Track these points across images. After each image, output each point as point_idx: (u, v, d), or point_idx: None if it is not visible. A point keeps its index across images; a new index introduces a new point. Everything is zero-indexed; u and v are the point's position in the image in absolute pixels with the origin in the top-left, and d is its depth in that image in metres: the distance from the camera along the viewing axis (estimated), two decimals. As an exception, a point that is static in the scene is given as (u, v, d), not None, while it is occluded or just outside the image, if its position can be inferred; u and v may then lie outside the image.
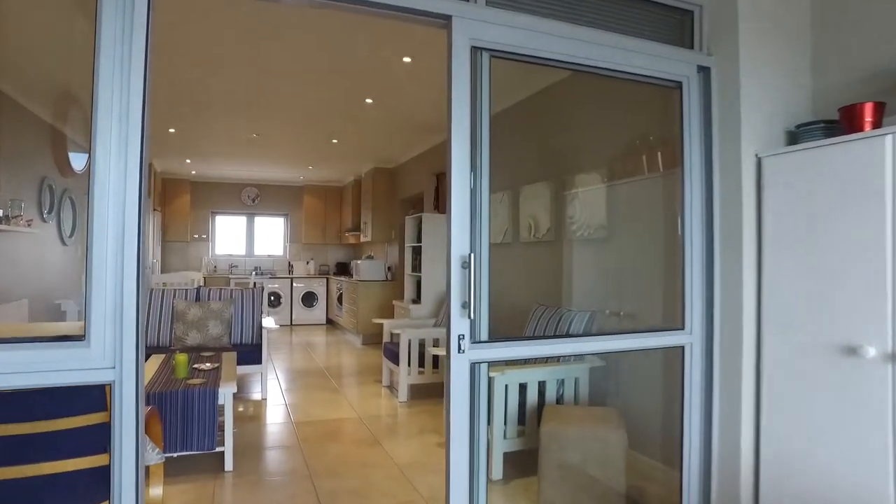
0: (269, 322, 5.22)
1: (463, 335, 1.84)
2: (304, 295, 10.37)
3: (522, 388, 3.32)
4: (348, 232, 9.87)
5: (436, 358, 5.05)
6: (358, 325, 8.18)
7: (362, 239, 9.24)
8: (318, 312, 10.48)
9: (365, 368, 6.39)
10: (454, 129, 1.86)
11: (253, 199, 10.70)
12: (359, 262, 8.46)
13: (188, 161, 8.42)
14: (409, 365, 4.92)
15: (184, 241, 10.10)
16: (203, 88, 4.83)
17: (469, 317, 1.82)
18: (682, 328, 2.28)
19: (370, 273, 8.38)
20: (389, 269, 8.61)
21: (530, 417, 3.32)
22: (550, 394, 3.41)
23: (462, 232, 1.84)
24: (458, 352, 1.84)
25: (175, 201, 9.82)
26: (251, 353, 4.89)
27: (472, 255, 1.81)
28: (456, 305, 1.82)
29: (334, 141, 6.89)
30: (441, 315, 5.48)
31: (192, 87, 4.80)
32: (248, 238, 10.82)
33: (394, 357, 5.10)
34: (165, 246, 10.01)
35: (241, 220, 10.78)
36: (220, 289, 5.43)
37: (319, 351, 7.56)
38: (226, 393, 3.15)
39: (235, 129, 6.34)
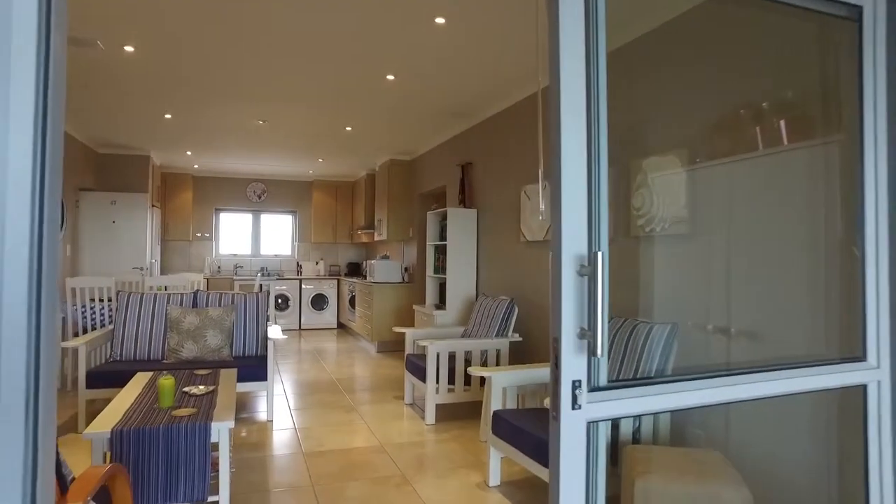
0: (275, 332, 4.56)
1: (579, 382, 1.17)
2: (313, 297, 9.73)
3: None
4: (361, 230, 9.22)
5: (467, 375, 4.38)
6: (372, 331, 7.52)
7: (376, 238, 8.58)
8: (329, 316, 9.83)
9: (382, 381, 5.72)
10: (563, 80, 1.20)
11: (259, 195, 10.07)
12: (373, 262, 7.81)
13: (189, 153, 7.79)
14: (437, 382, 4.25)
15: (185, 241, 9.48)
16: (201, 65, 4.19)
17: (590, 351, 1.15)
18: (863, 359, 1.60)
19: (385, 274, 7.72)
20: (406, 269, 7.95)
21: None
22: (625, 428, 2.73)
23: (577, 223, 1.17)
24: (573, 407, 1.17)
25: (176, 197, 9.20)
26: (255, 369, 4.24)
27: (600, 253, 1.13)
28: (569, 334, 1.15)
29: (348, 128, 6.23)
30: (473, 324, 4.80)
31: (188, 65, 4.16)
32: (253, 237, 10.20)
33: (418, 372, 4.43)
34: (166, 245, 9.39)
35: (246, 218, 10.16)
36: (221, 293, 4.78)
37: (331, 360, 6.91)
38: (221, 429, 2.49)
39: (240, 115, 5.69)
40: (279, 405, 4.76)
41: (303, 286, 9.69)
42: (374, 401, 4.96)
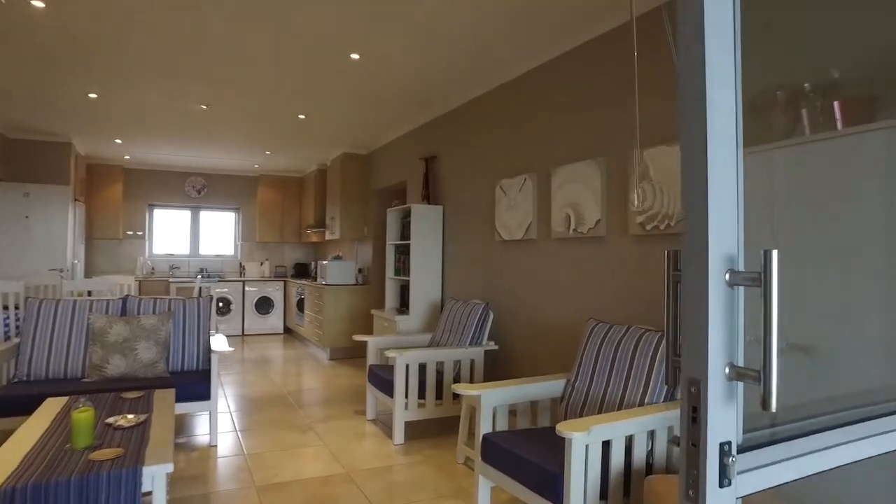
0: (220, 343, 3.99)
1: (729, 445, 0.76)
2: (258, 300, 9.06)
3: (606, 447, 2.27)
4: (310, 229, 8.63)
5: (440, 386, 3.95)
6: (324, 337, 6.97)
7: (328, 237, 8.03)
8: (275, 321, 9.18)
9: (339, 394, 5.21)
10: (708, 30, 0.80)
11: (199, 190, 9.29)
12: (324, 262, 7.26)
13: (119, 142, 7.01)
14: (406, 397, 3.81)
15: (114, 239, 8.61)
16: (131, 33, 3.58)
17: (763, 400, 0.74)
18: None
19: (338, 276, 7.19)
20: (361, 271, 7.45)
21: (615, 491, 2.27)
22: (640, 453, 2.38)
23: (726, 213, 0.77)
24: (721, 483, 0.76)
25: (104, 191, 8.33)
26: (196, 385, 3.66)
27: (775, 252, 0.73)
28: (717, 376, 0.74)
29: (301, 116, 5.68)
30: (442, 331, 4.38)
31: (115, 32, 3.54)
32: (192, 236, 9.40)
33: (383, 385, 3.97)
34: (91, 245, 8.50)
35: (184, 215, 9.36)
36: (155, 299, 4.16)
37: (279, 369, 6.32)
38: (155, 474, 1.96)
39: (179, 97, 5.05)
40: (224, 425, 4.19)
41: (246, 288, 9.00)
42: (331, 417, 4.45)
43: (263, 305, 9.11)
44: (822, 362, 1.95)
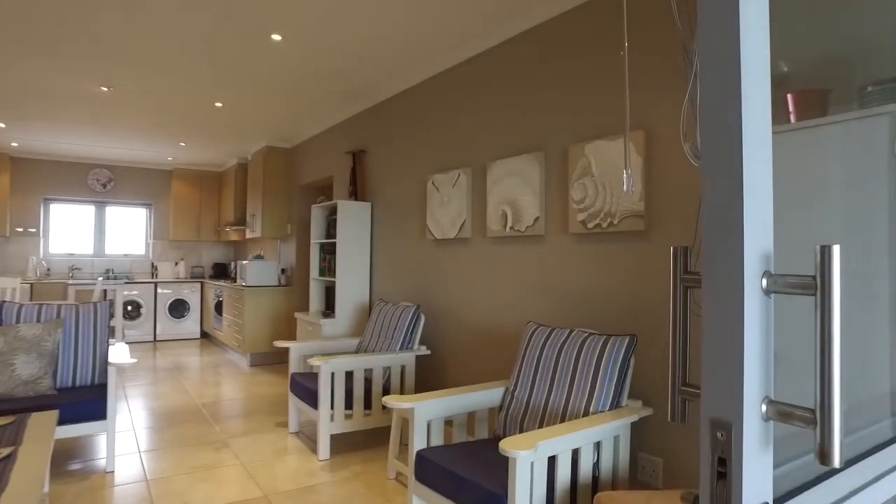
0: (120, 353, 3.54)
1: (765, 511, 0.56)
2: (171, 303, 8.41)
3: (552, 461, 2.09)
4: (230, 226, 8.09)
5: (368, 395, 3.68)
6: (244, 342, 6.51)
7: (248, 235, 7.53)
8: (191, 324, 8.56)
9: (260, 404, 4.82)
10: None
11: (104, 184, 8.51)
12: (244, 262, 6.79)
13: (2, 126, 6.24)
14: (331, 408, 3.51)
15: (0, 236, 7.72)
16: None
17: (821, 453, 0.54)
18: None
19: (259, 276, 6.74)
20: (284, 271, 7.03)
21: (560, 509, 2.10)
22: (586, 466, 2.22)
23: (761, 207, 0.57)
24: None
25: (-11, 183, 7.44)
26: (90, 403, 3.21)
27: (836, 248, 0.54)
28: (752, 414, 0.54)
29: (218, 104, 5.23)
30: (370, 335, 4.11)
31: (-13, -10, 3.04)
32: (97, 233, 8.60)
33: (307, 395, 3.66)
34: (-26, 242, 7.58)
35: (87, 211, 8.54)
36: (41, 305, 3.65)
37: (194, 378, 5.82)
38: (15, 524, 1.59)
39: (75, 76, 4.49)
40: (125, 447, 3.73)
41: (159, 290, 8.33)
42: (250, 431, 4.08)
43: (178, 308, 8.47)
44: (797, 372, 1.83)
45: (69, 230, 8.43)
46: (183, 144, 7.16)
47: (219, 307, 7.69)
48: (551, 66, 3.15)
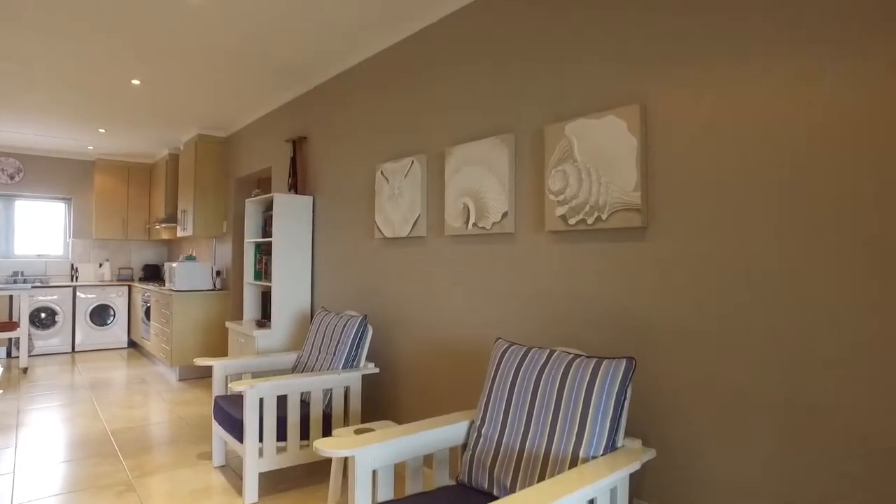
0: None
1: None
2: (93, 309, 7.55)
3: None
4: (161, 224, 7.30)
5: (305, 422, 3.10)
6: (172, 354, 5.78)
7: (179, 233, 6.78)
8: (117, 332, 7.72)
9: (184, 429, 4.15)
10: None
11: (12, 175, 7.56)
12: (174, 264, 6.05)
13: None
14: (260, 441, 2.91)
15: None
16: None
17: None
18: None
19: (190, 280, 6.02)
20: (219, 274, 6.32)
21: None
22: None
23: None
24: None
25: None
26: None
27: None
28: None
29: (136, 81, 4.51)
30: (310, 349, 3.52)
31: None
32: (4, 231, 7.64)
33: (232, 425, 3.05)
34: None
35: (-7, 206, 7.58)
36: None
37: (112, 397, 5.07)
38: None
39: (-57, 40, 3.72)
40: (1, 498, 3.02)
41: (79, 295, 7.46)
42: (168, 466, 3.43)
43: (101, 315, 7.62)
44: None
45: (-27, 228, 7.45)
46: (103, 131, 6.35)
47: (148, 313, 6.90)
48: (521, 31, 2.64)
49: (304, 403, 3.24)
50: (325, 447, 1.89)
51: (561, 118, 2.45)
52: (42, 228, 7.93)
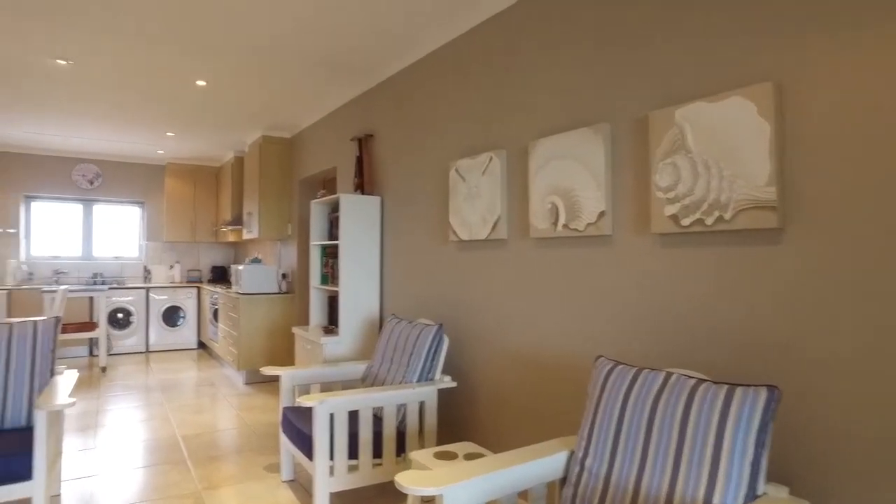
0: (60, 391, 2.75)
1: None
2: (165, 310, 7.70)
3: None
4: (227, 226, 7.35)
5: (378, 440, 2.89)
6: (239, 358, 5.76)
7: (245, 235, 6.78)
8: (187, 333, 7.84)
9: (251, 438, 4.05)
10: None
11: (91, 180, 7.80)
12: (240, 267, 6.03)
13: (-32, 115, 5.53)
14: (331, 459, 2.73)
15: (-23, 238, 7.04)
16: None
17: None
18: None
19: (256, 283, 5.98)
20: (284, 277, 6.26)
21: None
22: None
23: None
24: None
25: (-38, 180, 6.75)
26: (10, 460, 2.45)
27: None
28: None
29: (201, 82, 4.46)
30: (381, 360, 3.32)
31: None
32: (85, 235, 7.90)
33: (300, 440, 2.88)
34: (-56, 245, 6.91)
35: (74, 209, 7.85)
36: (-34, 325, 2.90)
37: (181, 400, 5.07)
38: None
39: (22, 44, 3.74)
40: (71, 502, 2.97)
41: (151, 296, 7.61)
42: (236, 478, 3.31)
43: (172, 316, 7.76)
44: None
45: (53, 231, 7.73)
46: (171, 134, 6.41)
47: (216, 315, 6.95)
48: (615, 6, 2.32)
49: (377, 418, 3.04)
50: (410, 484, 1.65)
51: (670, 103, 2.13)
52: (118, 232, 8.16)
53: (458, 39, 3.35)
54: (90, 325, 6.47)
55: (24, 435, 2.67)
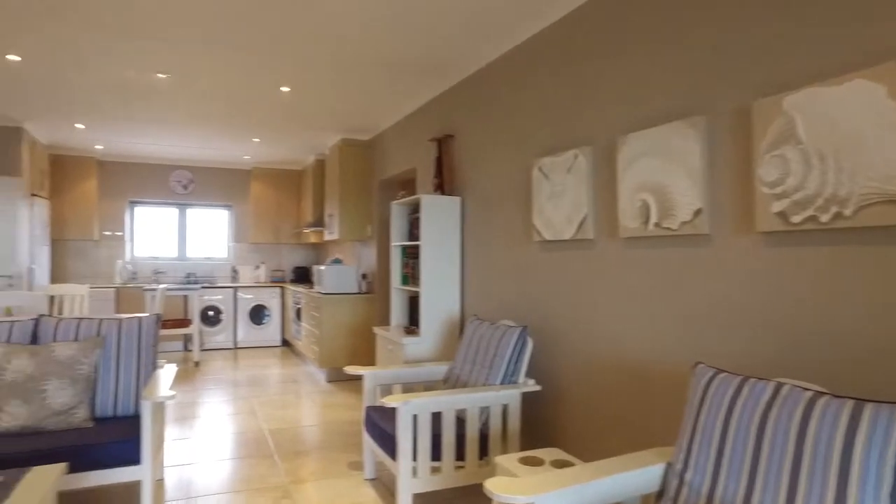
0: (161, 383, 2.91)
1: None
2: (252, 309, 8.05)
3: None
4: (309, 228, 7.60)
5: (461, 442, 2.86)
6: (321, 356, 5.92)
7: (326, 237, 6.98)
8: (272, 331, 8.17)
9: (333, 435, 4.15)
10: None
11: (185, 185, 8.30)
12: (321, 267, 6.21)
13: (80, 127, 6.00)
14: (414, 460, 2.73)
15: (89, 241, 7.64)
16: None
17: None
18: None
19: (337, 283, 6.13)
20: (364, 277, 6.38)
21: None
22: None
23: None
24: None
25: (75, 187, 7.35)
26: (121, 445, 2.61)
27: None
28: None
29: (284, 88, 4.62)
30: (462, 361, 3.30)
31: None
32: (179, 236, 8.42)
33: (383, 439, 2.90)
34: (60, 246, 7.54)
35: (171, 213, 8.37)
36: (80, 320, 3.13)
37: (267, 395, 5.28)
38: None
39: (125, 61, 4.01)
40: (171, 491, 3.14)
41: (239, 295, 7.99)
42: (320, 473, 3.39)
43: (258, 315, 8.11)
44: None
45: (153, 233, 8.29)
46: (257, 140, 6.71)
47: (299, 314, 7.20)
48: (720, -8, 2.18)
49: (459, 421, 3.01)
50: (500, 491, 1.61)
51: (776, 90, 1.97)
52: (209, 234, 8.63)
53: (536, 37, 3.28)
54: (185, 322, 6.87)
55: (134, 422, 2.85)
